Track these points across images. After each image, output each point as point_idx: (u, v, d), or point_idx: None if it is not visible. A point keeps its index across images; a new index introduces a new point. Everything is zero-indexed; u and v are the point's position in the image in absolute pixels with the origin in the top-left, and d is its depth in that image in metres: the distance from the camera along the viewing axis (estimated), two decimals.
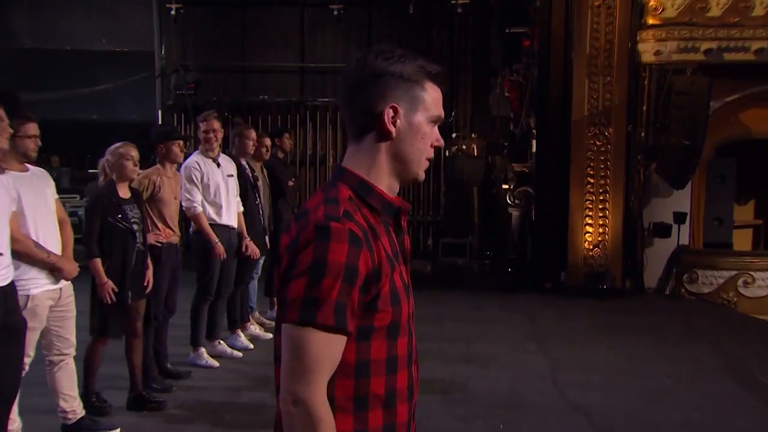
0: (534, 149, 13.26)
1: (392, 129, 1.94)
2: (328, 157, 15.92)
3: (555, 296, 11.68)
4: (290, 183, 9.58)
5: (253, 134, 8.32)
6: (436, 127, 2.02)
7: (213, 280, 7.42)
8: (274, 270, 8.18)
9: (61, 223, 5.25)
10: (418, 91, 1.95)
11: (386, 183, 1.98)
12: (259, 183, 8.51)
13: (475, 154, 15.56)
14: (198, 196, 7.35)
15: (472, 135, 15.77)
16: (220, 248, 7.28)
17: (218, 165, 7.52)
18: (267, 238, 8.57)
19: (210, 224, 7.33)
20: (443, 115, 2.02)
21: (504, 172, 15.24)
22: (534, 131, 13.23)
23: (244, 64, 16.00)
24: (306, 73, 15.98)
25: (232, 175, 7.69)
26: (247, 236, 7.83)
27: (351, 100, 1.96)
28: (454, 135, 15.69)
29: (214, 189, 7.42)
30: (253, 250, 7.86)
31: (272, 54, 16.03)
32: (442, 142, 2.04)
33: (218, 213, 7.46)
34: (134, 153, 5.89)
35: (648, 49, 11.76)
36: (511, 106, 15.11)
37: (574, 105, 12.03)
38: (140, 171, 6.14)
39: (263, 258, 8.75)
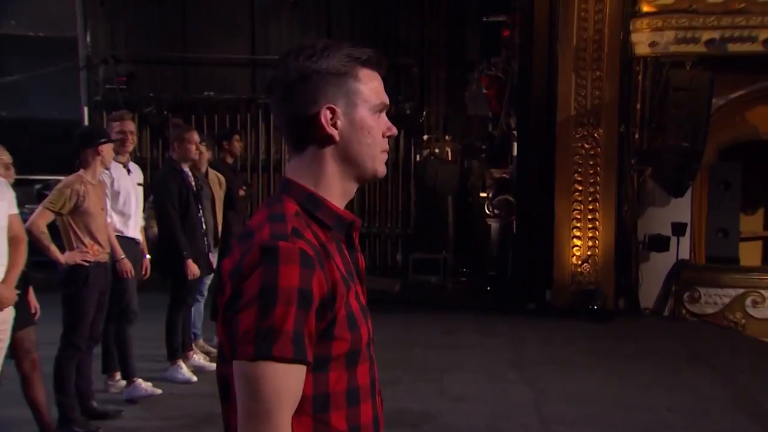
0: (515, 153, 13.34)
1: (333, 132, 1.96)
2: (284, 162, 15.73)
3: (539, 318, 11.71)
4: (241, 192, 9.55)
5: (195, 137, 8.23)
6: (383, 115, 2.04)
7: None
8: None
9: (12, 240, 5.14)
10: (352, 83, 1.98)
11: (339, 190, 2.01)
12: (204, 193, 8.48)
13: (449, 158, 15.63)
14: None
15: (446, 137, 15.83)
16: (128, 264, 7.10)
17: (129, 171, 7.47)
18: (212, 256, 8.52)
19: (116, 236, 7.15)
20: (388, 101, 2.03)
21: (482, 179, 15.30)
22: (515, 133, 13.30)
23: (186, 55, 15.86)
24: (258, 67, 15.86)
25: (141, 184, 7.66)
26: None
27: (282, 109, 1.99)
28: (425, 137, 15.76)
29: (124, 197, 7.35)
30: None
31: (218, 44, 15.92)
32: (394, 130, 2.06)
33: (126, 224, 7.38)
34: (5, 157, 5.75)
35: (642, 40, 11.85)
36: (489, 105, 15.18)
37: (559, 103, 12.14)
38: (61, 178, 6.03)
39: (209, 279, 8.70)
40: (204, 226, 8.29)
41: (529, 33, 12.49)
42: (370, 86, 2.00)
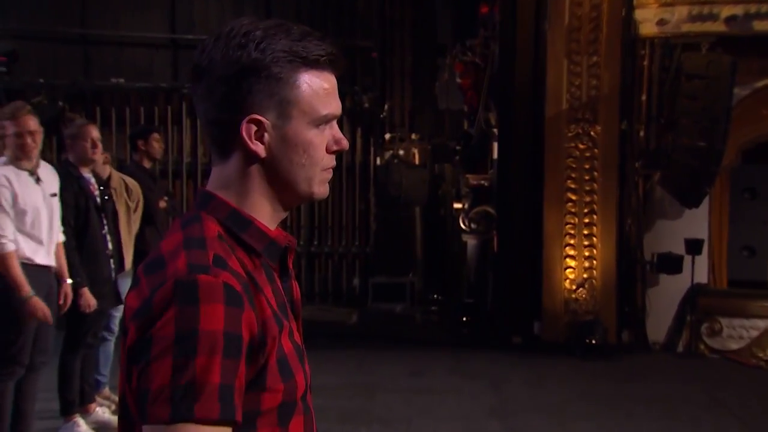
0: (495, 155, 13.33)
1: (258, 149, 1.96)
2: None
3: (526, 355, 11.73)
4: (161, 204, 9.51)
5: (93, 132, 7.94)
6: (331, 126, 2.04)
7: (22, 348, 6.98)
8: None
9: None
10: (288, 91, 1.95)
11: (268, 210, 2.02)
12: (115, 203, 8.37)
13: (417, 162, 15.68)
14: (8, 227, 6.88)
15: (412, 136, 15.88)
16: (39, 304, 6.81)
17: (37, 180, 7.12)
18: (123, 282, 8.29)
19: (23, 264, 6.88)
20: (338, 111, 2.03)
21: (456, 187, 15.39)
22: (495, 130, 13.30)
23: (87, 31, 15.65)
24: (180, 48, 15.71)
25: (56, 194, 7.35)
26: (67, 280, 7.39)
27: (202, 107, 2.00)
28: (387, 137, 15.79)
29: (32, 216, 7.01)
30: (87, 300, 7.44)
31: (129, 19, 15.73)
32: (344, 144, 2.06)
33: (36, 250, 7.06)
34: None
35: (649, 17, 11.83)
36: (464, 97, 15.20)
37: (548, 95, 12.15)
38: None
39: (118, 311, 8.50)
40: (110, 246, 8.07)
41: (512, 9, 12.47)
42: (313, 92, 1.97)
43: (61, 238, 7.45)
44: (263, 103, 1.93)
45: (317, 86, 1.97)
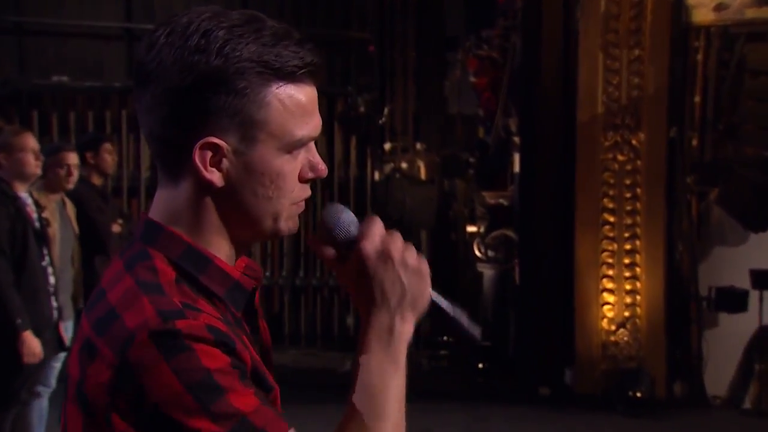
0: (517, 168, 13.38)
1: (214, 177, 1.93)
2: None
3: (556, 410, 11.62)
4: (115, 227, 9.51)
5: (31, 143, 7.88)
6: (308, 148, 2.02)
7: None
8: None
9: None
10: (254, 108, 1.91)
11: (225, 249, 2.01)
12: (53, 229, 8.23)
13: (422, 177, 15.67)
14: None
15: (417, 146, 15.87)
16: None
17: None
18: (65, 326, 8.22)
19: None
20: (316, 131, 2.01)
21: (470, 207, 15.36)
22: (517, 139, 13.31)
23: (23, 19, 15.63)
24: (136, 41, 15.49)
25: None
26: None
27: (144, 121, 1.96)
28: (387, 146, 15.78)
29: None
30: (30, 347, 7.42)
31: (75, 5, 15.75)
32: (322, 169, 2.05)
33: None
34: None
35: (704, 1, 11.78)
36: (479, 99, 15.13)
37: (580, 96, 12.09)
38: None
39: (58, 361, 8.36)
40: (52, 280, 7.98)
41: None
42: (286, 113, 1.94)
43: None
44: (222, 122, 1.89)
45: (292, 103, 1.94)
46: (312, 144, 2.02)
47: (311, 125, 1.98)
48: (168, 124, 1.90)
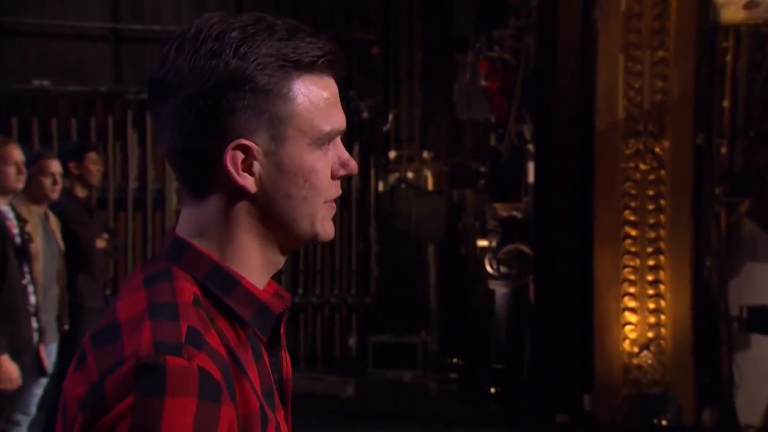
0: (531, 178, 13.35)
1: (247, 182, 1.97)
2: (170, 195, 15.78)
3: None
4: (99, 243, 9.58)
5: (15, 154, 7.91)
6: (336, 144, 2.06)
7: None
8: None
9: None
10: (280, 104, 1.96)
11: (260, 262, 2.03)
12: (36, 245, 8.22)
13: (430, 187, 15.85)
14: None
15: (424, 155, 16.00)
16: None
17: None
18: (46, 350, 8.21)
19: None
20: (343, 124, 2.05)
21: (480, 219, 15.33)
22: (531, 147, 13.34)
23: (0, 19, 15.69)
24: (123, 42, 15.83)
25: None
26: None
27: (167, 132, 1.98)
28: (392, 155, 15.89)
29: None
30: (7, 372, 7.42)
31: (57, 4, 15.83)
32: (353, 166, 2.09)
33: None
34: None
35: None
36: (491, 104, 15.09)
37: (599, 100, 12.04)
38: None
39: (39, 387, 8.41)
40: (33, 300, 8.00)
41: None
42: (312, 106, 1.98)
43: None
44: (250, 124, 1.93)
45: (316, 96, 1.98)
46: (339, 140, 2.06)
47: (338, 118, 2.03)
48: (194, 133, 1.93)
